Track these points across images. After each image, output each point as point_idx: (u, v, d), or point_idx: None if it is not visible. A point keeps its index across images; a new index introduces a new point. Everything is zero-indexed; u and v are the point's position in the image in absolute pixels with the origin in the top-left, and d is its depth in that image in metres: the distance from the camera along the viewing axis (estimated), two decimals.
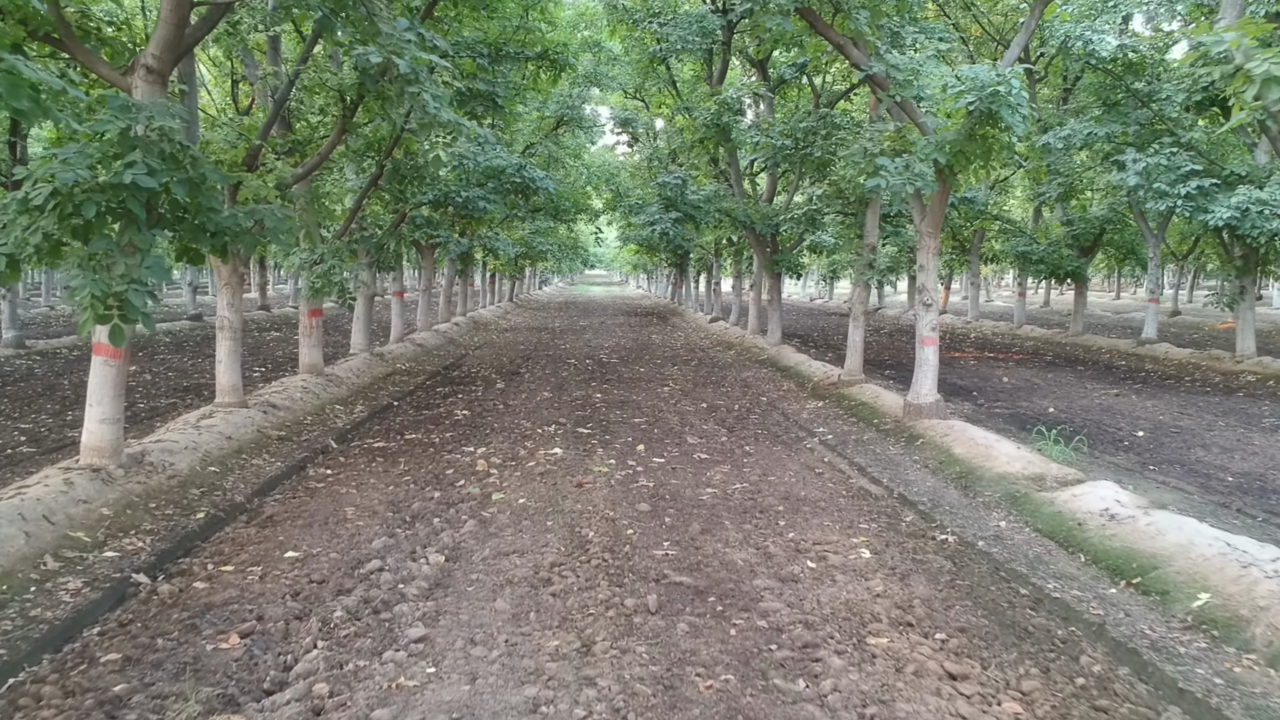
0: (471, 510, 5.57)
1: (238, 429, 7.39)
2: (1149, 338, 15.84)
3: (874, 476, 6.64)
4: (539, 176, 11.52)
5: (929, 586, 4.33)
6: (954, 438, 7.28)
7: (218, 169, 5.44)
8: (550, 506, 5.67)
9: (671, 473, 6.65)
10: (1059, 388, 11.80)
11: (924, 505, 5.85)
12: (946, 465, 6.81)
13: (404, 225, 12.88)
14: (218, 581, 4.32)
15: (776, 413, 9.64)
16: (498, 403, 9.97)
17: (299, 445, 7.49)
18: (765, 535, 5.11)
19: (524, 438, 7.96)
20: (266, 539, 4.99)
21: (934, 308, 8.28)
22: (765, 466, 6.92)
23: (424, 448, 7.50)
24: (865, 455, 7.40)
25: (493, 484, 6.24)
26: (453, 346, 16.71)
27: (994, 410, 9.88)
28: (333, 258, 9.38)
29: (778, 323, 15.40)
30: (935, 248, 8.33)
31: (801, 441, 8.02)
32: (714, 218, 15.06)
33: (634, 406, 9.85)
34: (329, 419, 8.69)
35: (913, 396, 8.33)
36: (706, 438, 8.09)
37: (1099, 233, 17.24)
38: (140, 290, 4.88)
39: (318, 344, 10.27)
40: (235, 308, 8.01)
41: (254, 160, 8.07)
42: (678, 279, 34.31)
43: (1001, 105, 7.16)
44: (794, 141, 10.59)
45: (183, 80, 7.73)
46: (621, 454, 7.31)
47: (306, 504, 5.72)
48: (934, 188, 7.65)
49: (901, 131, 8.39)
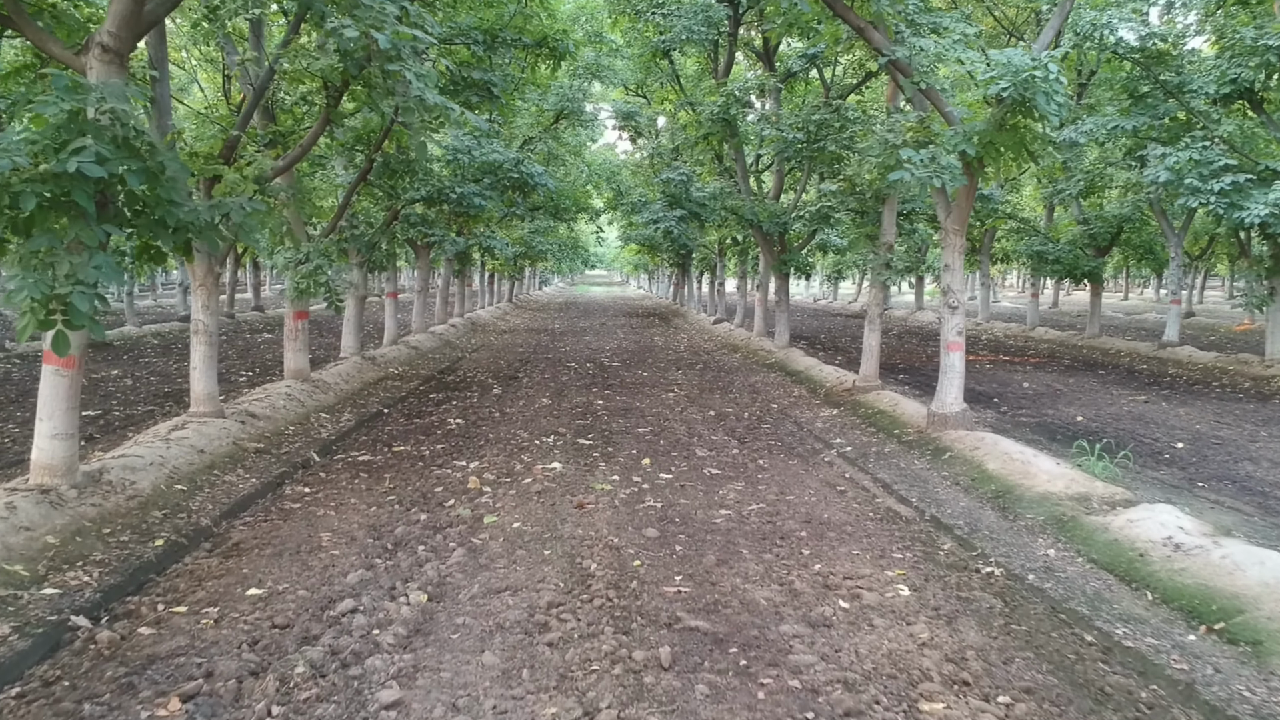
0: (460, 536, 5.02)
1: (211, 442, 6.84)
2: (1171, 340, 15.28)
3: (902, 495, 6.09)
4: (537, 172, 10.98)
5: (981, 633, 3.78)
6: (985, 451, 6.73)
7: (179, 158, 4.88)
8: (548, 531, 5.12)
9: (680, 491, 6.10)
10: (1083, 394, 11.25)
11: (961, 530, 5.30)
12: (980, 483, 6.26)
13: (397, 223, 12.33)
14: (166, 626, 3.77)
15: (789, 421, 9.09)
16: (493, 410, 9.43)
17: (278, 459, 6.95)
18: (789, 567, 4.56)
19: (520, 450, 7.42)
20: (229, 572, 4.44)
21: (960, 310, 7.74)
22: (782, 483, 6.37)
23: (412, 461, 6.95)
24: (889, 470, 6.85)
25: (485, 504, 5.69)
26: (449, 349, 16.16)
27: (1019, 419, 9.33)
28: (319, 257, 8.85)
29: (786, 325, 14.85)
30: (961, 246, 7.78)
31: (819, 454, 7.47)
32: (720, 215, 14.51)
33: (638, 414, 9.30)
34: (313, 429, 8.14)
35: (937, 405, 7.79)
36: (716, 450, 7.54)
37: (1116, 232, 16.69)
38: (86, 293, 4.33)
39: (304, 348, 9.72)
40: (211, 310, 7.46)
41: (231, 152, 7.52)
42: (680, 279, 33.75)
43: (1037, 92, 6.62)
44: (806, 135, 10.03)
45: (153, 66, 7.19)
46: (625, 469, 6.76)
47: (278, 528, 5.17)
48: (962, 181, 7.11)
49: (925, 121, 7.84)
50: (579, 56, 13.83)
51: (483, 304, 28.35)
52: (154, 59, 7.22)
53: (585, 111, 16.18)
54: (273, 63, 7.55)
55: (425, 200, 10.78)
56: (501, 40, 8.70)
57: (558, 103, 15.53)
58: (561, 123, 16.72)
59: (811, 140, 10.00)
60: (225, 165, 7.39)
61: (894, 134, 7.76)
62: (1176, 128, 11.40)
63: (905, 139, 7.70)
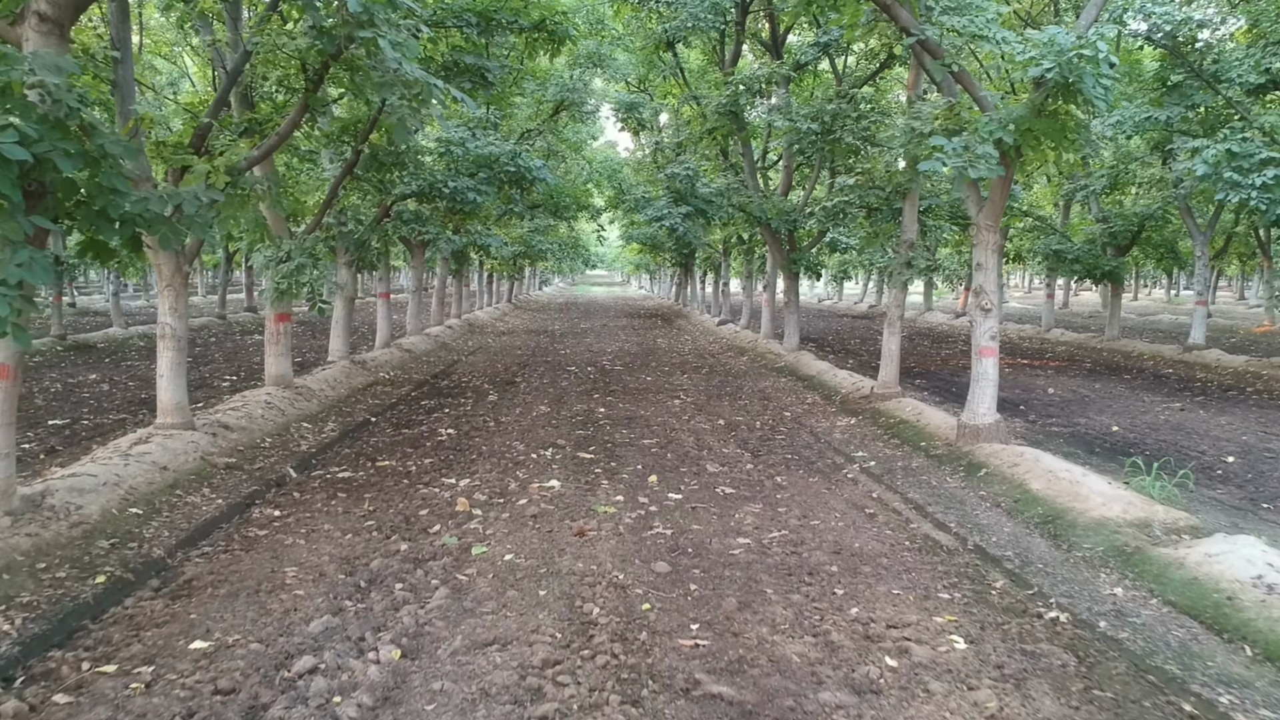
0: (445, 571, 4.41)
1: (176, 457, 6.23)
2: (1196, 343, 14.66)
3: (938, 519, 5.47)
4: (536, 166, 10.37)
5: (1059, 701, 3.17)
6: (1026, 468, 6.12)
7: (124, 139, 4.28)
8: (544, 565, 4.51)
9: (692, 514, 5.49)
10: (1113, 401, 10.63)
11: (1011, 563, 4.69)
12: (1024, 505, 5.64)
13: (389, 220, 11.73)
14: (88, 692, 3.17)
15: (805, 432, 8.47)
16: (488, 419, 8.82)
17: (250, 476, 6.34)
18: (821, 611, 3.95)
19: (516, 465, 6.81)
20: (174, 617, 3.83)
21: (994, 313, 7.13)
22: (804, 505, 5.76)
23: (397, 479, 6.34)
24: (920, 489, 6.23)
25: (474, 531, 5.09)
26: (444, 352, 15.56)
27: (1050, 428, 8.72)
28: (301, 255, 8.24)
29: (795, 327, 14.23)
30: (996, 243, 7.17)
31: (840, 470, 6.86)
32: (727, 213, 13.90)
33: (642, 424, 8.69)
34: (292, 441, 7.54)
35: (968, 416, 7.17)
36: (729, 464, 6.94)
37: (1137, 230, 16.07)
38: (6, 294, 3.72)
39: (285, 352, 9.12)
40: (178, 313, 6.85)
41: (202, 141, 6.92)
42: (682, 279, 33.14)
43: (1084, 74, 6.02)
44: (820, 125, 9.42)
45: (115, 46, 6.58)
46: (630, 487, 6.15)
47: (239, 561, 4.57)
48: (999, 172, 6.49)
49: (954, 108, 7.23)
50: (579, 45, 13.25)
51: (481, 305, 27.75)
52: (116, 39, 6.60)
53: (587, 103, 15.54)
54: (247, 44, 6.95)
55: (417, 195, 10.17)
56: (497, 23, 8.11)
57: (558, 93, 14.90)
58: (562, 114, 16.09)
59: (826, 131, 9.39)
60: (195, 155, 6.81)
61: (921, 121, 7.15)
62: (1212, 119, 10.78)
63: (934, 127, 7.09)
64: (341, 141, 9.30)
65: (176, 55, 20.07)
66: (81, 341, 15.70)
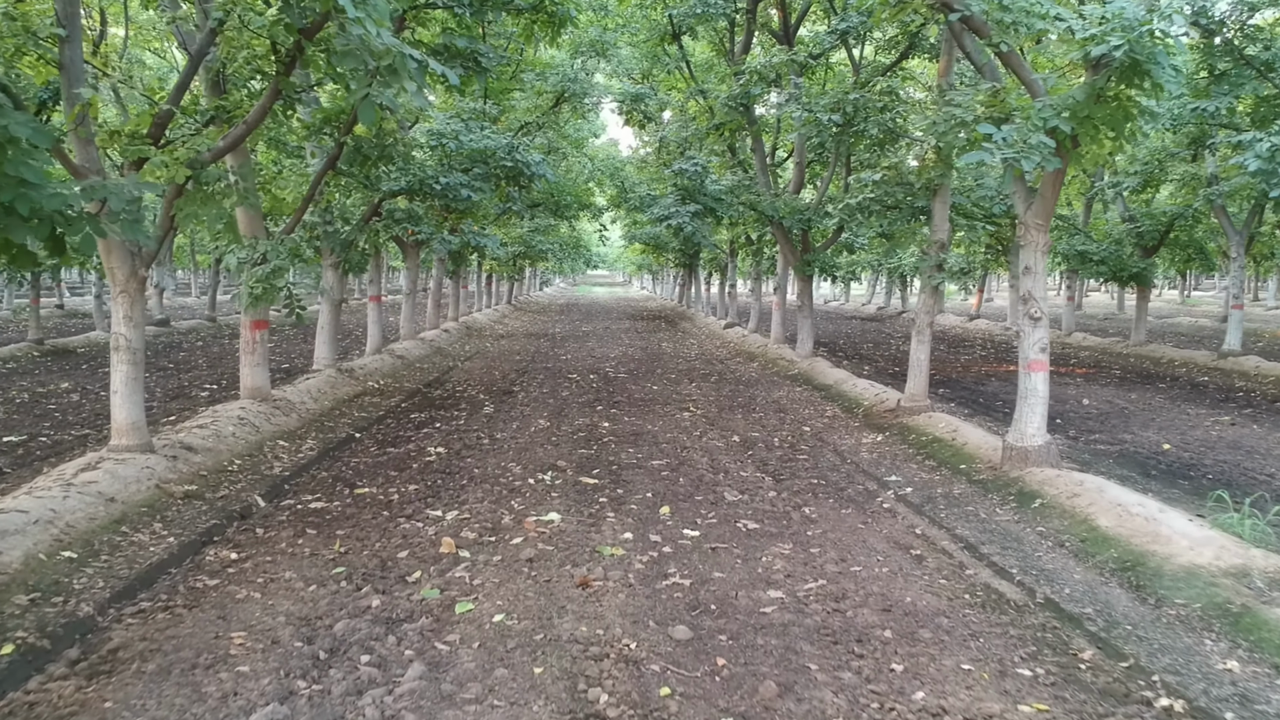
0: (422, 638, 3.69)
1: (126, 486, 5.52)
2: (1232, 349, 13.91)
3: (997, 564, 4.74)
4: (534, 160, 9.65)
5: None
6: (1088, 500, 5.39)
7: (33, 121, 3.55)
8: (540, 628, 3.79)
9: (712, 557, 4.76)
10: (1154, 413, 9.90)
11: (1094, 622, 3.97)
12: (1093, 546, 4.91)
13: (379, 219, 11.01)
14: None
15: (828, 450, 7.75)
16: (482, 435, 8.10)
17: (210, 507, 5.62)
18: (880, 698, 3.22)
19: (511, 492, 6.09)
20: (84, 707, 3.11)
21: (1044, 322, 6.39)
22: (840, 544, 5.03)
23: (376, 510, 5.62)
24: (969, 524, 5.50)
25: (459, 580, 4.36)
26: (439, 357, 14.83)
27: (1094, 446, 7.99)
28: (277, 257, 7.53)
29: (809, 332, 13.50)
30: (1045, 244, 6.44)
31: (874, 498, 6.13)
32: (737, 211, 13.17)
33: (650, 441, 7.97)
34: (264, 463, 6.82)
35: (1015, 437, 6.44)
36: (749, 491, 6.21)
37: (1166, 230, 15.32)
38: None
39: (262, 362, 8.40)
40: (134, 322, 6.14)
41: (161, 130, 6.20)
42: (686, 280, 32.41)
43: (1157, 54, 5.30)
44: (842, 116, 8.69)
45: (61, 23, 5.86)
46: (640, 521, 5.43)
47: (179, 622, 3.85)
48: (1055, 164, 5.77)
49: (999, 94, 6.50)
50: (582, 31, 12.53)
51: (480, 306, 27.03)
52: (62, 15, 5.88)
53: (589, 94, 14.79)
54: (212, 20, 6.23)
55: (406, 192, 9.45)
56: (492, 2, 7.41)
57: (559, 83, 14.16)
58: (564, 107, 15.35)
59: (849, 123, 8.66)
60: (153, 146, 6.10)
61: (963, 109, 6.42)
62: (1264, 110, 10.04)
63: (978, 114, 6.36)
64: (323, 134, 8.58)
65: (167, 50, 19.37)
66: (60, 346, 15.00)
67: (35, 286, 15.34)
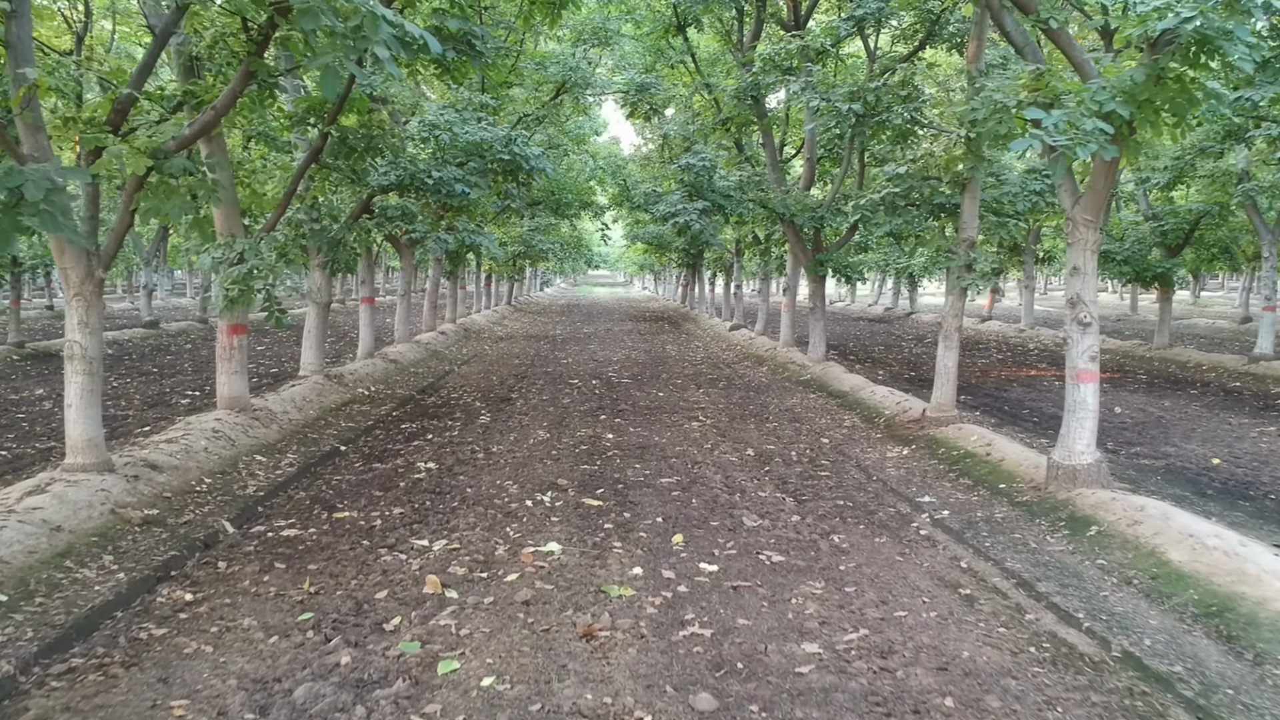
0: (396, 709, 3.10)
1: (77, 512, 4.94)
2: (1264, 353, 13.31)
3: (1060, 606, 4.15)
4: (533, 154, 9.07)
5: None
6: (1153, 529, 4.79)
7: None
8: (537, 694, 3.20)
9: (735, 600, 4.17)
10: (1193, 422, 9.31)
11: (1187, 686, 3.38)
12: (1167, 585, 4.32)
13: (369, 217, 10.42)
14: None
15: (851, 466, 7.16)
16: (476, 449, 7.52)
17: (171, 535, 5.03)
18: None
19: (506, 516, 5.50)
20: None
21: (1094, 328, 5.80)
22: (878, 581, 4.44)
23: (355, 538, 5.04)
24: (1019, 555, 4.91)
25: (444, 630, 3.78)
26: (435, 361, 14.24)
27: (1138, 461, 7.40)
28: (255, 257, 6.95)
29: (821, 335, 12.90)
30: (1095, 242, 5.85)
31: (908, 523, 5.54)
32: (747, 208, 12.58)
33: (658, 454, 7.38)
34: (237, 481, 6.23)
35: (1062, 454, 5.85)
36: (769, 515, 5.62)
37: (1191, 229, 14.72)
38: None
39: (241, 369, 7.82)
40: (90, 328, 5.55)
41: (122, 116, 5.62)
42: (689, 280, 31.81)
43: (1234, 27, 4.71)
44: (863, 106, 8.10)
45: None
46: (651, 552, 4.84)
47: (113, 686, 3.26)
48: (1113, 152, 5.18)
49: (1043, 76, 5.91)
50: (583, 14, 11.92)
51: (478, 307, 26.44)
52: None
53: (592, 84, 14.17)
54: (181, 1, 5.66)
55: (396, 187, 8.87)
56: None
57: (560, 73, 13.55)
58: (564, 98, 14.75)
59: (870, 113, 8.07)
60: (113, 134, 5.52)
61: (1004, 93, 5.83)
62: None
63: (1021, 98, 5.77)
64: (308, 124, 8.00)
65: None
66: (41, 350, 14.43)
67: (16, 287, 14.76)
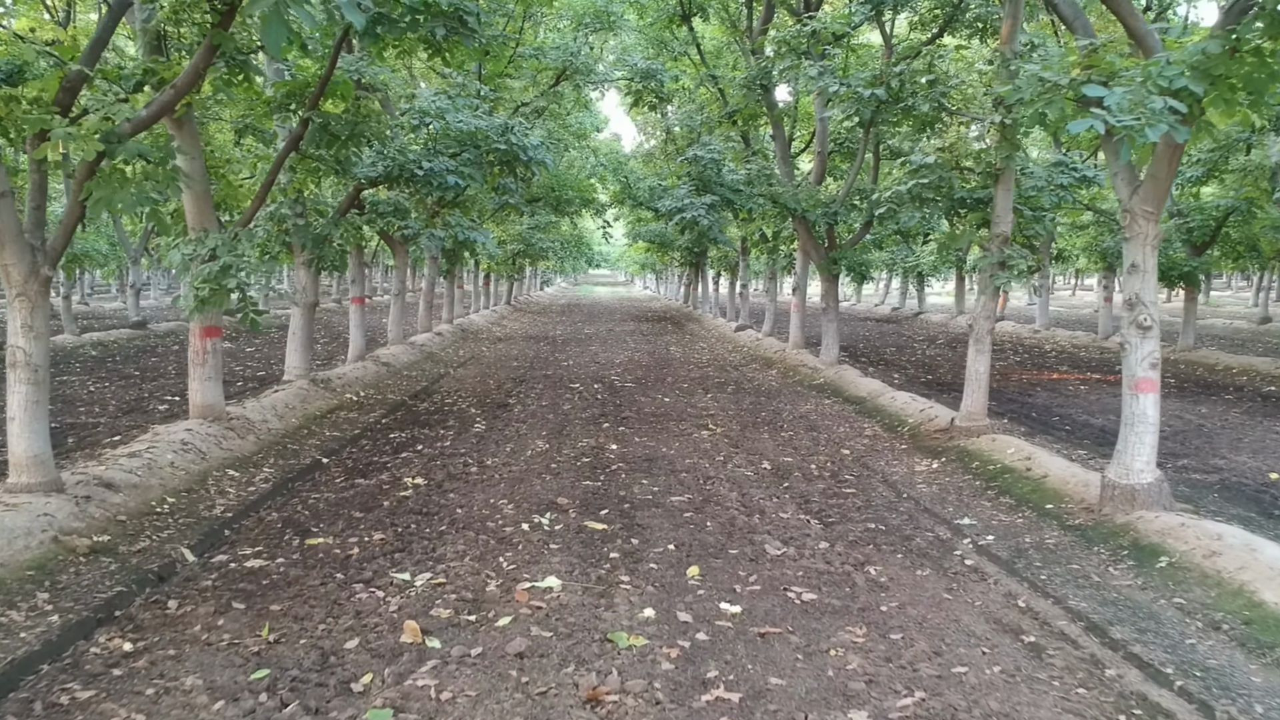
0: None
1: (12, 541, 4.35)
2: None
3: (1141, 659, 3.56)
4: (532, 144, 8.49)
5: None
6: (1235, 561, 4.21)
7: None
8: None
9: (764, 652, 3.58)
10: (1237, 431, 8.71)
11: None
12: (1265, 632, 3.73)
13: (359, 212, 9.84)
14: None
15: (877, 480, 6.57)
16: (470, 461, 6.93)
17: (122, 565, 4.45)
18: None
19: (500, 543, 4.92)
20: None
21: (1154, 332, 5.22)
22: (927, 626, 3.85)
23: (328, 570, 4.45)
24: (1081, 591, 4.32)
25: (423, 692, 3.19)
26: (430, 364, 13.66)
27: (1188, 475, 6.80)
28: (228, 253, 6.35)
29: (835, 336, 12.31)
30: (1156, 236, 5.26)
31: (950, 550, 4.95)
32: (756, 203, 11.99)
33: (666, 468, 6.80)
34: (204, 500, 5.65)
35: (1118, 472, 5.26)
36: (794, 541, 5.03)
37: (1218, 226, 14.13)
38: None
39: (215, 375, 7.24)
40: (36, 333, 4.97)
41: (72, 96, 5.05)
42: (692, 279, 31.21)
43: None
44: (887, 91, 7.51)
45: None
46: (664, 588, 4.26)
47: None
48: (1185, 134, 4.60)
49: (1098, 51, 5.32)
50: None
51: (477, 307, 25.86)
52: None
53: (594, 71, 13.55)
54: None
55: (384, 179, 8.29)
56: None
57: (560, 58, 12.95)
58: (564, 85, 14.14)
59: (895, 98, 7.48)
60: (60, 115, 4.94)
61: (1054, 73, 5.24)
62: None
63: (1072, 76, 5.18)
64: (289, 110, 7.42)
65: None
66: None
67: None
